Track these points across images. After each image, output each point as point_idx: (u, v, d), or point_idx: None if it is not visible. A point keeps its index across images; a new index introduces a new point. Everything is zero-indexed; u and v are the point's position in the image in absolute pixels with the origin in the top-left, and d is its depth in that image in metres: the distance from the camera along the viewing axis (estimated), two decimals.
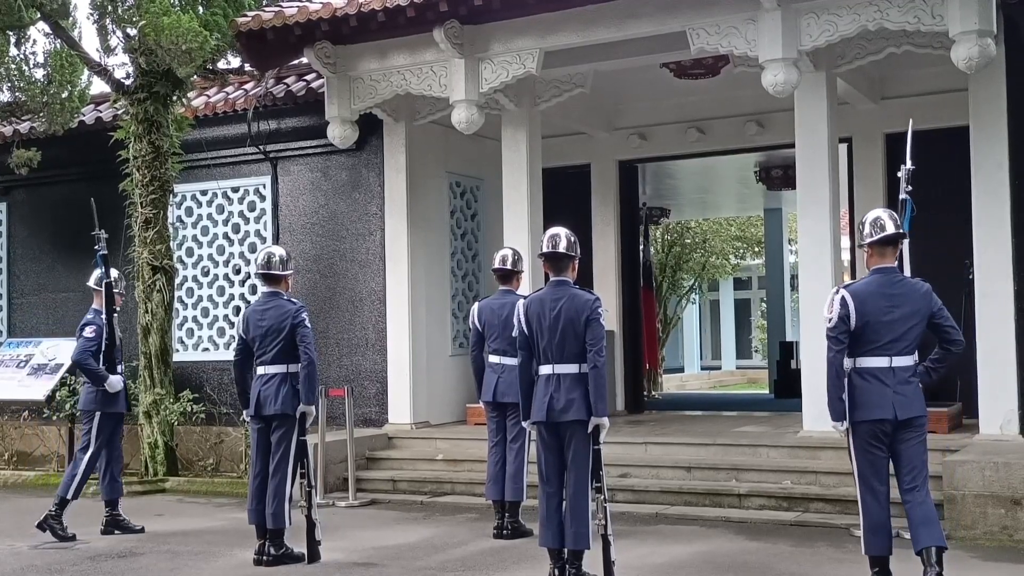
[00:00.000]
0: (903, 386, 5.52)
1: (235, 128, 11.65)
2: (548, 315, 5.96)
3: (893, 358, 5.54)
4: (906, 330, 5.55)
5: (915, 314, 5.56)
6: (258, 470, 7.03)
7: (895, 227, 5.65)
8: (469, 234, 11.91)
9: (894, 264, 5.68)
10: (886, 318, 5.53)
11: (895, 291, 5.57)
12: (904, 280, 5.69)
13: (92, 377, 8.07)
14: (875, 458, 5.60)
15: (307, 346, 6.93)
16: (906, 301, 5.56)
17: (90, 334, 8.08)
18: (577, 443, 5.91)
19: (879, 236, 5.63)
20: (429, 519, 8.50)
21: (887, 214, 5.71)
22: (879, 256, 5.67)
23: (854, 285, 5.67)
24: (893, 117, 10.69)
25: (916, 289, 5.63)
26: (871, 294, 5.56)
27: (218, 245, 12.00)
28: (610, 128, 12.24)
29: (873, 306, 5.54)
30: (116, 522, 8.21)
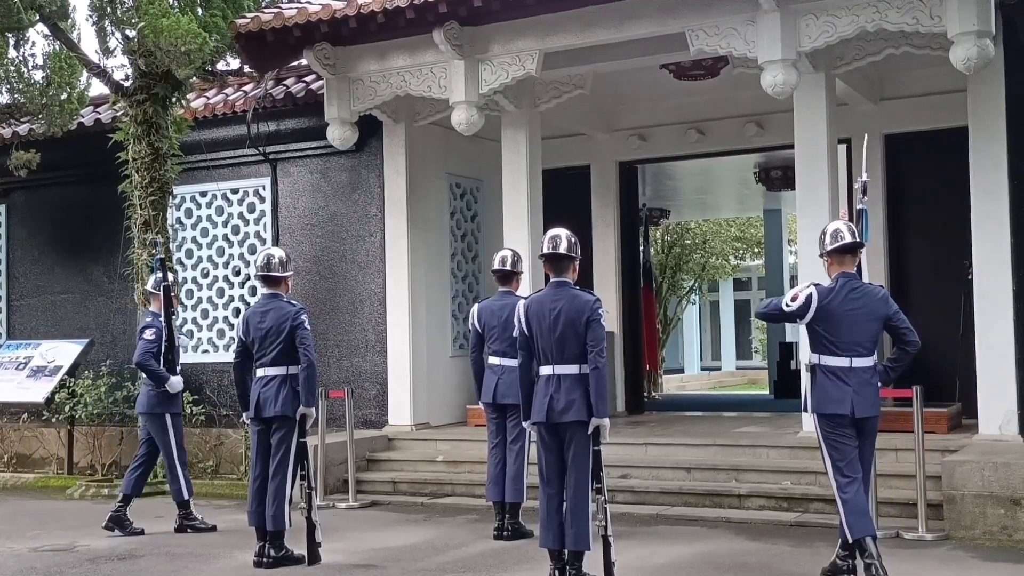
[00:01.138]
0: (863, 387, 5.95)
1: (234, 130, 11.66)
2: (548, 316, 5.97)
3: (853, 359, 5.97)
4: (865, 332, 5.99)
5: (873, 317, 6.00)
6: (258, 472, 7.04)
7: (852, 237, 6.10)
8: (469, 235, 11.92)
9: (853, 270, 6.11)
10: (846, 319, 5.97)
11: (855, 296, 6.02)
12: (863, 286, 6.11)
13: (154, 378, 8.26)
14: (843, 446, 5.98)
15: (307, 348, 6.94)
16: (865, 305, 6.00)
17: (150, 336, 8.28)
18: (577, 444, 5.92)
19: (838, 245, 6.08)
20: (429, 520, 8.51)
21: (845, 225, 6.17)
22: (839, 264, 6.11)
23: (823, 287, 6.09)
24: (892, 118, 10.73)
25: (874, 294, 6.07)
26: (836, 296, 6.01)
27: (218, 247, 12.00)
28: (610, 129, 12.26)
29: (835, 307, 5.98)
30: (120, 520, 8.27)
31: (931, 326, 10.68)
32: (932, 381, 9.40)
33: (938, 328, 10.59)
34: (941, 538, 7.23)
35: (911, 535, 7.28)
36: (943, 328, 10.48)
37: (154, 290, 8.55)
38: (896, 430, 8.65)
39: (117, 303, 12.24)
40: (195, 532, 8.25)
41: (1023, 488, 7.16)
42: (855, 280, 6.10)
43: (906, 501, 7.71)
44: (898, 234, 10.93)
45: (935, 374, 10.21)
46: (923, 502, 7.33)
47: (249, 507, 7.06)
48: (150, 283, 8.70)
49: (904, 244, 10.93)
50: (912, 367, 10.53)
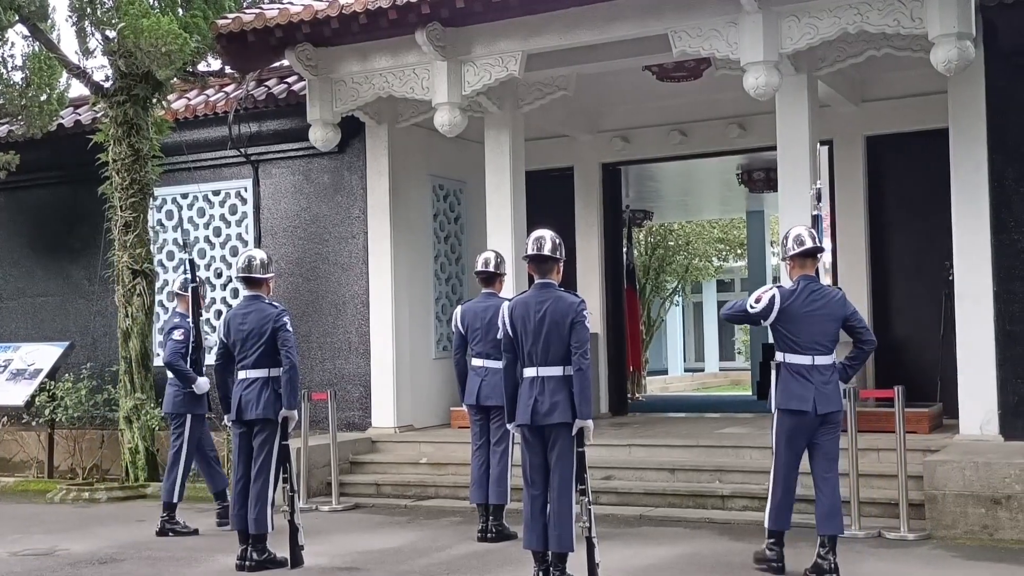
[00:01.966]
0: (825, 384, 6.25)
1: (216, 131, 11.61)
2: (533, 317, 5.98)
3: (815, 357, 6.28)
4: (825, 332, 6.31)
5: (832, 318, 6.34)
6: (240, 475, 7.02)
7: (813, 242, 6.43)
8: (452, 237, 11.92)
9: (813, 274, 6.45)
10: (807, 320, 6.28)
11: (815, 298, 6.33)
12: (822, 288, 6.43)
13: (182, 378, 8.33)
14: (794, 444, 6.29)
15: (289, 350, 6.93)
16: (824, 306, 6.33)
17: (179, 336, 8.36)
18: (561, 445, 5.93)
19: (799, 250, 6.42)
20: (413, 523, 8.49)
21: (806, 231, 6.51)
22: (800, 268, 6.45)
23: (785, 289, 6.41)
24: (874, 119, 10.79)
25: (833, 296, 6.41)
26: (796, 298, 6.33)
27: (199, 249, 11.94)
28: (593, 131, 12.28)
29: (797, 308, 6.30)
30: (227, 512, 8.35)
31: (912, 327, 10.83)
32: (913, 381, 9.48)
33: (919, 329, 10.69)
34: (923, 537, 7.27)
35: (893, 535, 7.32)
36: (924, 329, 10.57)
37: (182, 291, 8.64)
38: (878, 430, 8.71)
39: (98, 305, 12.18)
40: (176, 536, 8.22)
41: (1004, 487, 7.21)
42: (815, 283, 6.41)
43: (888, 501, 7.76)
44: (879, 235, 10.99)
45: (916, 374, 10.30)
46: (905, 502, 7.38)
47: (231, 510, 7.04)
48: (177, 284, 8.76)
49: (885, 245, 10.99)
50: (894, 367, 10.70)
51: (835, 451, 6.34)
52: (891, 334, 10.96)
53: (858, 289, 10.95)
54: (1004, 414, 8.43)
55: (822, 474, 6.28)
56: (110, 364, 11.57)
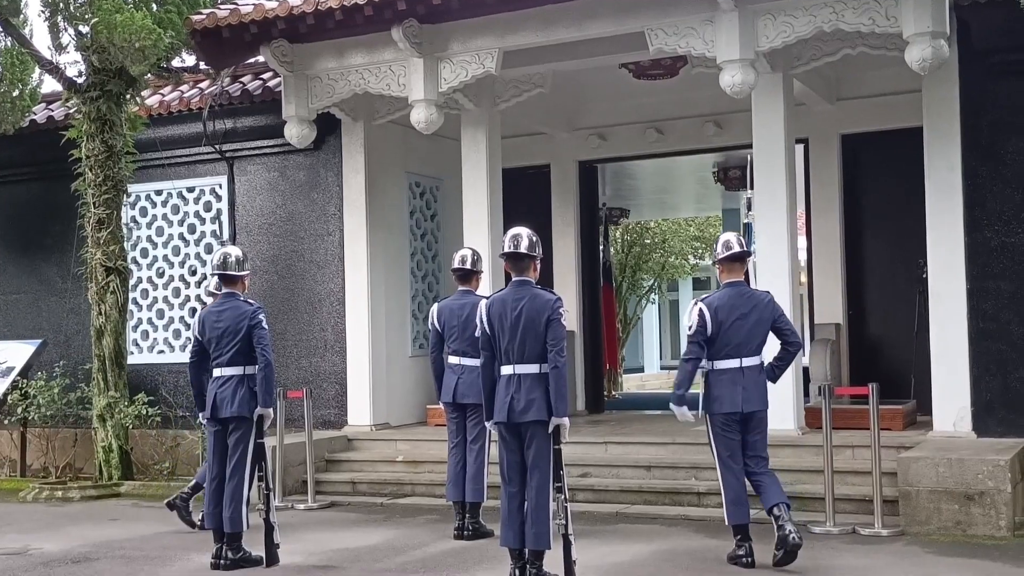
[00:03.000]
0: (752, 384, 6.52)
1: (190, 127, 11.56)
2: (510, 315, 5.99)
3: (743, 359, 6.54)
4: (753, 335, 6.57)
5: (761, 321, 6.58)
6: (215, 473, 7.00)
7: (740, 247, 6.67)
8: (429, 234, 11.90)
9: (742, 278, 6.72)
10: (737, 325, 6.53)
11: (744, 302, 6.58)
12: (751, 292, 6.71)
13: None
14: (730, 442, 6.57)
15: (264, 348, 6.90)
16: (753, 310, 6.57)
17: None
18: (538, 443, 5.94)
19: (727, 254, 6.66)
20: (389, 521, 8.48)
21: (734, 236, 6.77)
22: (728, 272, 6.69)
23: (710, 297, 6.66)
24: (849, 118, 10.86)
25: (761, 299, 6.66)
26: (724, 305, 6.56)
27: (173, 246, 11.89)
28: (570, 128, 12.29)
29: (726, 315, 6.53)
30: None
31: (887, 325, 10.91)
32: (888, 379, 9.56)
33: (893, 327, 10.78)
34: (896, 533, 7.33)
35: (867, 531, 7.38)
36: (898, 326, 10.65)
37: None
38: (852, 427, 8.78)
39: (70, 303, 12.09)
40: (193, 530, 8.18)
41: (977, 484, 7.28)
42: (743, 287, 6.68)
43: (862, 497, 7.82)
44: (854, 233, 11.06)
45: (891, 372, 10.38)
46: (879, 498, 7.43)
47: (206, 509, 7.02)
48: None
49: (860, 243, 11.06)
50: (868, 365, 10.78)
51: (763, 447, 6.64)
52: (866, 332, 11.05)
53: (833, 287, 11.04)
54: (977, 411, 8.51)
55: (755, 469, 6.61)
56: (83, 362, 11.49)
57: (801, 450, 8.71)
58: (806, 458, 8.54)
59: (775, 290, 8.99)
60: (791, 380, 9.00)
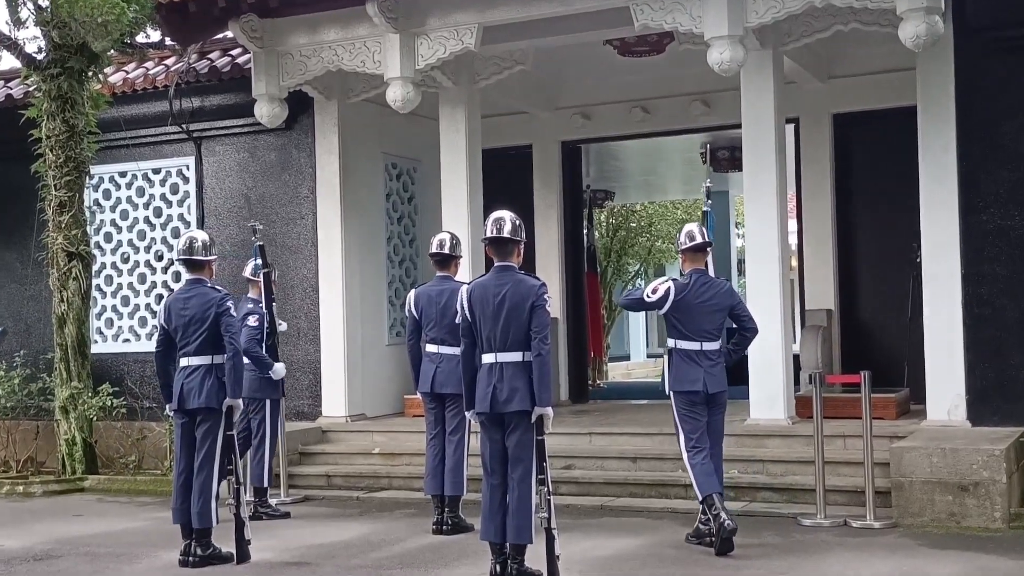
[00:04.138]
0: (713, 367, 7.00)
1: (156, 106, 11.47)
2: (492, 301, 5.98)
3: (703, 343, 7.02)
4: (712, 320, 7.06)
5: (720, 307, 7.08)
6: (182, 467, 6.97)
7: (702, 237, 7.17)
8: (406, 218, 11.87)
9: (703, 267, 7.19)
10: (698, 310, 7.02)
11: (705, 288, 7.07)
12: (711, 280, 7.18)
13: (259, 365, 8.54)
14: (696, 422, 7.01)
15: (232, 336, 6.89)
16: (713, 297, 7.06)
17: (254, 323, 8.62)
18: (520, 434, 5.94)
19: (690, 244, 7.16)
20: (365, 515, 8.48)
21: (696, 227, 7.29)
22: (691, 261, 7.18)
23: (680, 282, 7.13)
24: (841, 97, 10.88)
25: (720, 287, 7.16)
26: (689, 291, 7.06)
27: (139, 230, 11.82)
28: (552, 107, 12.26)
29: (688, 301, 7.02)
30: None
31: (879, 310, 10.97)
32: (880, 366, 9.60)
33: (886, 312, 10.83)
34: (889, 526, 7.38)
35: (859, 523, 7.42)
36: (891, 312, 10.70)
37: (253, 277, 8.89)
38: (844, 416, 8.82)
39: (31, 290, 12.01)
40: (269, 519, 8.36)
41: (971, 474, 7.33)
42: (705, 275, 7.16)
43: (854, 489, 7.86)
44: (846, 216, 11.10)
45: (883, 359, 10.44)
46: (871, 489, 7.48)
47: (173, 504, 6.99)
48: (248, 270, 8.98)
49: (852, 226, 11.10)
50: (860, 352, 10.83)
51: (721, 428, 7.15)
52: (857, 317, 11.10)
53: (824, 272, 11.08)
54: (972, 399, 8.56)
55: (710, 449, 7.02)
56: (45, 351, 11.42)
57: (791, 440, 8.76)
58: (796, 448, 8.58)
59: (764, 275, 9.12)
60: (781, 368, 9.05)
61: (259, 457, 8.63)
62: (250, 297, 8.85)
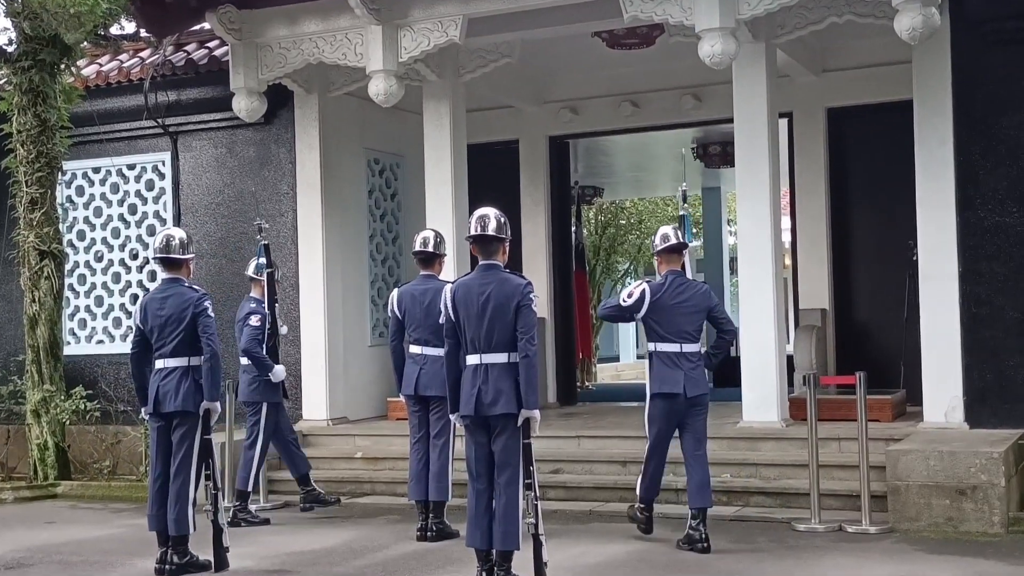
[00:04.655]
0: (692, 370, 7.14)
1: (130, 100, 11.44)
2: (476, 301, 5.97)
3: (682, 345, 7.15)
4: (691, 322, 7.20)
5: (697, 310, 7.21)
6: (158, 472, 6.95)
7: (678, 239, 7.32)
8: (389, 215, 11.86)
9: (679, 268, 7.34)
10: (674, 312, 7.15)
11: (682, 290, 7.22)
12: (688, 282, 7.33)
13: (259, 366, 8.61)
14: (667, 426, 7.19)
15: (210, 337, 6.86)
16: (690, 299, 7.20)
17: (256, 323, 8.66)
18: (506, 437, 5.94)
19: (665, 246, 7.32)
20: (348, 521, 8.47)
21: (671, 228, 7.45)
22: (667, 263, 7.33)
23: (654, 284, 7.27)
24: (835, 90, 10.90)
25: (698, 289, 7.30)
26: (665, 292, 7.19)
27: (113, 228, 11.78)
28: (539, 101, 12.26)
29: (665, 302, 7.16)
30: (314, 497, 8.78)
31: (875, 310, 11.00)
32: (876, 367, 9.61)
33: (882, 312, 10.86)
34: (885, 531, 7.40)
35: (854, 528, 7.44)
36: (887, 312, 10.73)
37: (256, 276, 8.89)
38: (839, 418, 8.84)
39: (1, 289, 11.97)
40: (248, 525, 8.39)
41: (969, 478, 7.35)
42: (682, 277, 7.30)
43: (849, 493, 7.87)
44: (840, 213, 11.12)
45: (879, 360, 10.46)
46: (867, 493, 7.49)
47: (149, 510, 6.96)
48: (251, 268, 8.98)
49: (847, 223, 11.13)
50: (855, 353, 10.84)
51: (703, 431, 7.23)
52: (853, 317, 11.13)
53: (818, 271, 11.10)
54: (970, 401, 8.59)
55: (692, 452, 7.17)
56: (16, 353, 11.38)
57: (785, 443, 8.77)
58: (790, 451, 8.59)
59: (757, 274, 9.13)
60: (774, 369, 9.07)
61: (245, 461, 8.64)
62: (252, 296, 8.89)
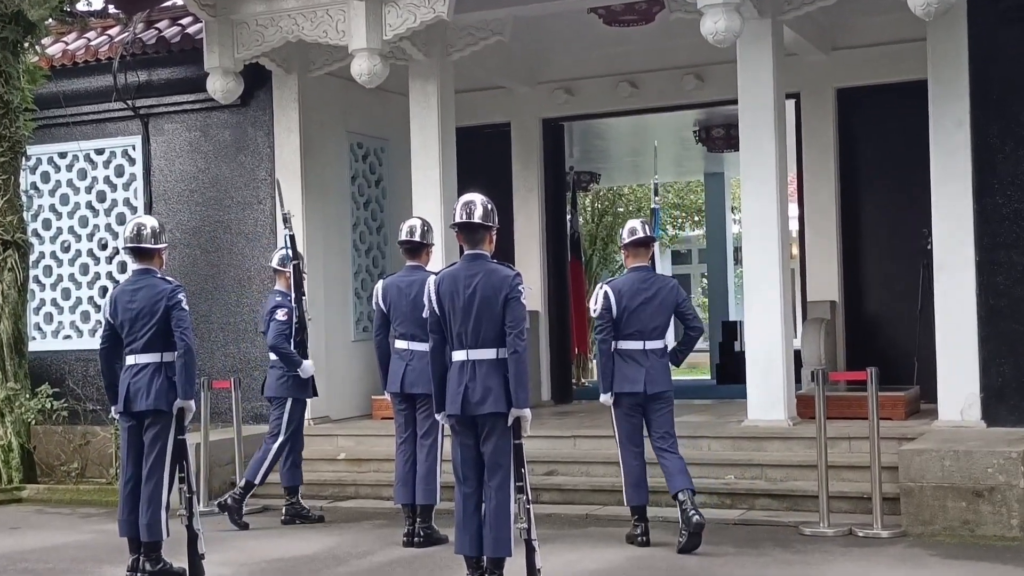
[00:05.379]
0: (654, 367, 7.33)
1: (98, 80, 11.42)
2: (462, 293, 5.96)
3: (646, 342, 7.33)
4: (656, 319, 7.38)
5: (664, 305, 7.40)
6: (130, 475, 6.94)
7: (645, 232, 7.48)
8: (373, 202, 11.85)
9: (647, 263, 7.55)
10: (641, 309, 7.32)
11: (648, 286, 7.38)
12: (655, 277, 7.53)
13: (287, 362, 8.61)
14: (633, 424, 7.39)
15: (184, 331, 6.84)
16: (657, 294, 7.38)
17: (282, 317, 8.65)
18: (496, 438, 5.93)
19: (631, 239, 7.47)
20: (330, 527, 8.48)
21: (639, 222, 7.61)
22: (633, 257, 7.51)
23: (615, 281, 7.48)
24: (845, 70, 10.91)
25: (665, 284, 7.50)
26: (629, 289, 7.36)
27: (80, 216, 11.77)
28: (532, 82, 12.26)
29: (630, 299, 7.33)
30: (297, 512, 8.71)
31: (887, 301, 11.02)
32: (888, 362, 9.66)
33: (894, 303, 10.88)
34: (898, 535, 7.41)
35: (865, 532, 7.45)
36: (900, 303, 10.75)
37: (281, 267, 8.87)
38: (849, 417, 8.86)
39: None
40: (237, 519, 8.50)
41: (986, 479, 7.37)
42: (648, 272, 7.50)
43: (860, 495, 7.89)
44: (851, 199, 11.14)
45: (891, 354, 10.49)
46: (878, 495, 7.50)
47: (120, 515, 6.95)
48: (275, 260, 8.96)
49: (857, 210, 11.15)
50: (866, 347, 10.85)
51: (670, 425, 7.42)
52: (863, 309, 11.15)
53: (827, 261, 11.12)
54: (987, 398, 8.61)
55: (661, 445, 7.36)
56: None
57: (792, 443, 8.78)
58: (797, 452, 8.61)
59: (763, 264, 9.13)
60: (781, 365, 9.07)
61: (263, 453, 8.66)
62: (278, 290, 8.87)
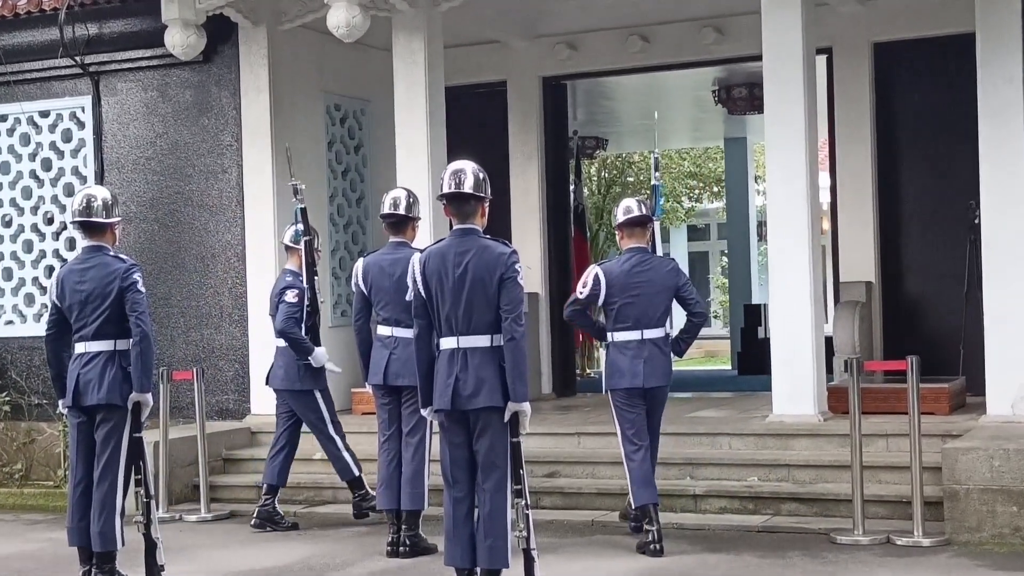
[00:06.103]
0: (654, 358, 7.50)
1: (43, 33, 11.39)
2: (451, 273, 5.95)
3: (644, 331, 7.48)
4: (655, 305, 7.52)
5: (663, 290, 7.53)
6: (80, 477, 6.95)
7: (641, 211, 7.61)
8: (352, 171, 11.85)
9: (644, 244, 7.65)
10: (637, 294, 7.47)
11: (645, 269, 7.52)
12: (652, 258, 7.66)
13: (296, 348, 8.61)
14: (635, 418, 7.54)
15: (140, 316, 6.82)
16: (655, 278, 7.52)
17: (292, 299, 8.63)
18: (491, 436, 5.93)
19: (625, 218, 7.59)
20: (306, 534, 8.51)
21: (635, 200, 7.75)
22: (629, 237, 7.63)
23: (608, 264, 7.63)
24: (882, 22, 10.88)
25: (663, 266, 7.63)
26: (623, 272, 7.50)
27: (23, 187, 11.76)
28: (531, 36, 12.24)
29: (625, 284, 7.47)
30: (270, 515, 8.68)
31: (929, 283, 11.01)
32: (930, 350, 9.64)
33: (938, 285, 10.88)
34: (941, 543, 7.42)
35: (904, 540, 7.46)
36: (944, 285, 10.75)
37: (292, 244, 8.85)
38: (886, 411, 8.87)
39: None
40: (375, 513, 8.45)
41: None
42: (644, 253, 7.61)
43: (898, 498, 7.90)
44: (889, 166, 11.12)
45: (934, 342, 10.50)
46: (919, 499, 7.51)
47: (69, 522, 6.97)
48: (287, 236, 8.95)
49: (896, 180, 11.13)
50: (906, 333, 10.86)
51: (657, 425, 7.69)
52: (903, 291, 11.15)
53: (863, 236, 11.11)
54: None
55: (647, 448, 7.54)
56: None
57: (822, 440, 8.79)
58: (828, 450, 8.62)
59: (790, 241, 9.12)
60: (810, 354, 9.06)
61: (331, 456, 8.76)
62: (289, 269, 8.84)
